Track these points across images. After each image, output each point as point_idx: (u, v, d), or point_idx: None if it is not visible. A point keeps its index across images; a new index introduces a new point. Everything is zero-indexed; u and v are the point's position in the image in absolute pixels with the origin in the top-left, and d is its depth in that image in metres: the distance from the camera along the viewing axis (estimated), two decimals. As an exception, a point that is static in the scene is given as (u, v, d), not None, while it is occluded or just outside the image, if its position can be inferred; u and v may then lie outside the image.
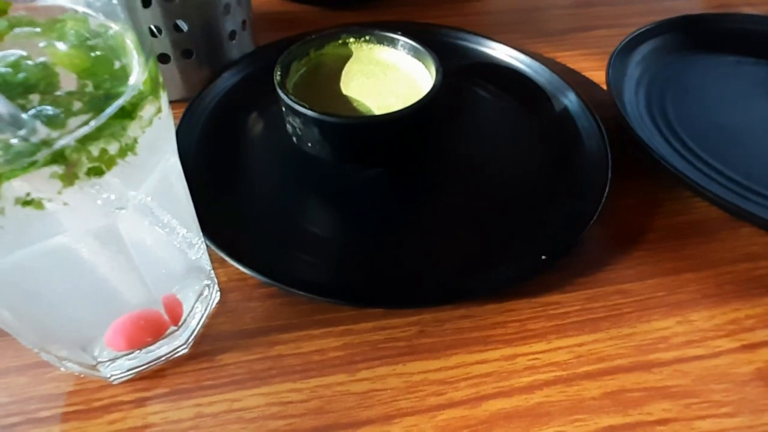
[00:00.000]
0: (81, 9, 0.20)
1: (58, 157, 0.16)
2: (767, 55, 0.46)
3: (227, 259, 0.28)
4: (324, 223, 0.33)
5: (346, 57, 0.38)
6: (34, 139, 0.16)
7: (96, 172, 0.17)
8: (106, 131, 0.17)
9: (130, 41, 0.19)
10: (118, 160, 0.18)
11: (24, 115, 0.16)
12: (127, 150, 0.18)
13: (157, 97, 0.19)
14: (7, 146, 0.15)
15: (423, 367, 0.26)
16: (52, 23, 0.19)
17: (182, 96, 0.41)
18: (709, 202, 0.34)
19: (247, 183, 0.35)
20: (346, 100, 0.34)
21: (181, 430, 0.24)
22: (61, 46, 0.19)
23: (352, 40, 0.37)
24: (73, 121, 0.17)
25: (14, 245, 0.17)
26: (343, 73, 0.37)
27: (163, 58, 0.38)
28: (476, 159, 0.37)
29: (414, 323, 0.28)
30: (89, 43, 0.19)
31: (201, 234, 0.26)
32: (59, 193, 0.16)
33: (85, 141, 0.16)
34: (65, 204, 0.17)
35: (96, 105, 0.17)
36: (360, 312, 0.28)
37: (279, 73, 0.33)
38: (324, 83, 0.36)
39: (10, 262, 0.17)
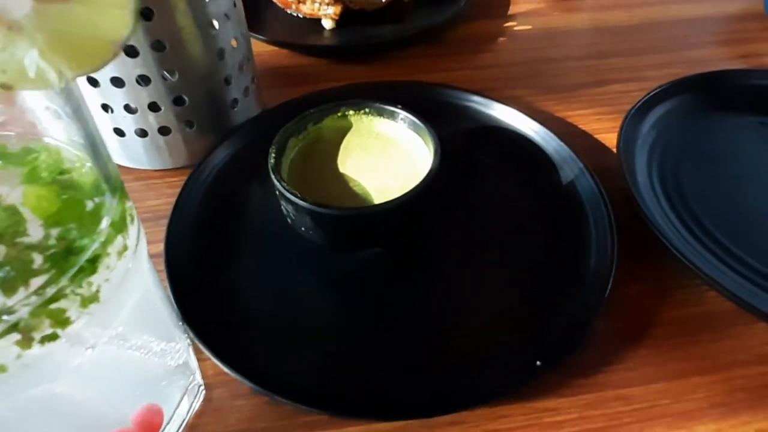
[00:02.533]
0: (54, 140, 0.19)
1: (12, 329, 0.16)
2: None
3: (213, 359, 0.28)
4: (312, 320, 0.32)
5: (346, 129, 0.37)
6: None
7: (51, 338, 0.16)
8: (64, 292, 0.17)
9: (102, 176, 0.19)
10: (79, 316, 0.17)
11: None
12: (89, 302, 0.18)
13: (125, 234, 0.19)
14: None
15: (407, 482, 0.26)
16: (26, 153, 0.19)
17: (185, 163, 0.41)
18: (722, 295, 0.32)
19: (238, 269, 0.34)
20: (343, 180, 0.34)
21: None
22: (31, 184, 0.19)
23: (351, 112, 0.37)
24: (33, 281, 0.16)
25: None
26: (342, 146, 0.36)
27: (164, 131, 0.38)
28: (471, 245, 0.36)
29: (401, 429, 0.27)
30: (60, 178, 0.19)
31: (181, 336, 0.26)
32: (18, 357, 0.16)
33: (42, 306, 0.16)
34: (24, 365, 0.17)
35: (56, 262, 0.17)
36: (346, 418, 0.27)
37: (273, 154, 0.33)
38: (322, 159, 0.35)
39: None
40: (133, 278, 0.20)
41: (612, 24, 0.58)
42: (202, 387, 0.28)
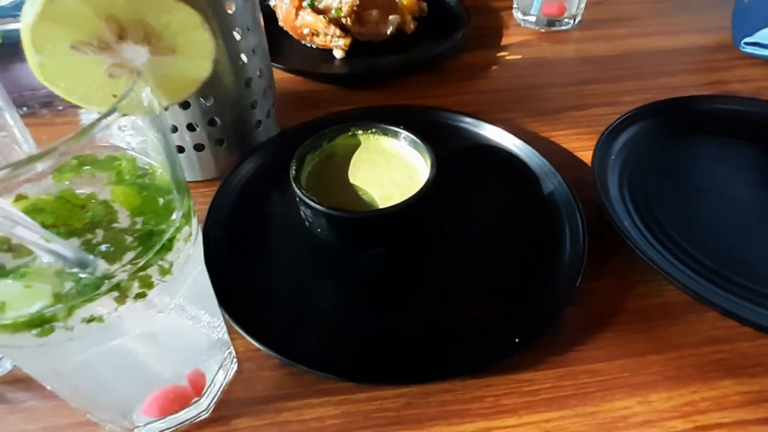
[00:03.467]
0: (130, 152, 0.25)
1: (115, 287, 0.21)
2: (752, 137, 0.49)
3: (244, 335, 0.33)
4: (327, 304, 0.37)
5: (355, 146, 0.43)
6: (98, 274, 0.21)
7: (141, 296, 0.22)
8: (150, 263, 0.22)
9: (170, 179, 0.25)
10: (158, 282, 0.23)
11: (90, 257, 0.21)
12: (165, 273, 0.23)
13: (190, 225, 0.25)
14: (78, 280, 0.21)
15: (407, 437, 0.31)
16: (110, 161, 0.25)
17: (214, 176, 0.47)
18: (679, 289, 0.37)
19: (263, 262, 0.40)
20: (352, 190, 0.40)
21: (200, 486, 0.29)
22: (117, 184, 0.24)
23: (360, 132, 0.43)
24: (126, 256, 0.22)
25: (79, 350, 0.22)
26: (352, 161, 0.42)
27: (198, 147, 0.44)
28: (462, 243, 0.41)
29: (402, 395, 0.32)
30: (139, 181, 0.25)
31: (221, 315, 0.31)
32: (115, 310, 0.22)
33: (134, 273, 0.22)
34: (118, 317, 0.22)
35: (143, 241, 0.23)
36: (356, 385, 0.33)
37: (294, 167, 0.39)
38: (335, 172, 0.41)
39: (74, 361, 0.23)
40: (192, 261, 0.26)
41: (595, 54, 0.65)
42: (235, 360, 0.34)
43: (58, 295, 0.21)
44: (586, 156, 0.49)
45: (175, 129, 0.43)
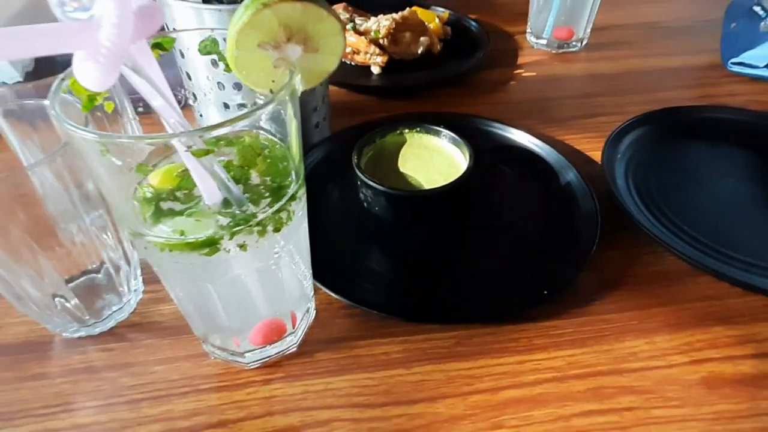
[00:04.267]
0: (257, 130, 0.33)
1: (258, 224, 0.29)
2: (737, 141, 0.57)
3: (322, 288, 0.40)
4: (387, 263, 0.45)
5: (402, 143, 0.51)
6: (248, 212, 0.29)
7: (277, 230, 0.30)
8: (283, 208, 0.30)
9: (286, 149, 0.33)
10: (285, 224, 0.31)
11: (245, 198, 0.29)
12: (289, 218, 0.31)
13: (302, 187, 0.33)
14: (234, 216, 0.29)
15: (458, 366, 0.38)
16: (237, 138, 0.33)
17: (278, 169, 0.55)
18: (677, 257, 0.45)
19: (332, 235, 0.47)
20: (402, 176, 0.48)
21: (294, 400, 0.36)
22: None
23: (407, 131, 0.51)
24: (263, 202, 0.30)
25: (228, 270, 0.30)
26: (400, 155, 0.50)
27: (269, 143, 0.52)
28: (497, 219, 0.49)
29: (452, 337, 0.40)
30: (263, 153, 0.33)
31: (311, 269, 0.39)
32: (256, 241, 0.29)
33: (270, 215, 0.29)
34: (257, 247, 0.30)
35: (273, 193, 0.30)
36: (414, 327, 0.40)
37: (355, 156, 0.47)
38: (386, 163, 0.49)
39: (221, 280, 0.30)
40: (301, 216, 0.33)
41: (600, 72, 0.73)
42: (314, 309, 0.41)
43: (221, 226, 0.28)
44: (595, 155, 0.57)
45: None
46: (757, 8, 0.73)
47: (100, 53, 0.20)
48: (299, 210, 0.32)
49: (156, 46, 0.29)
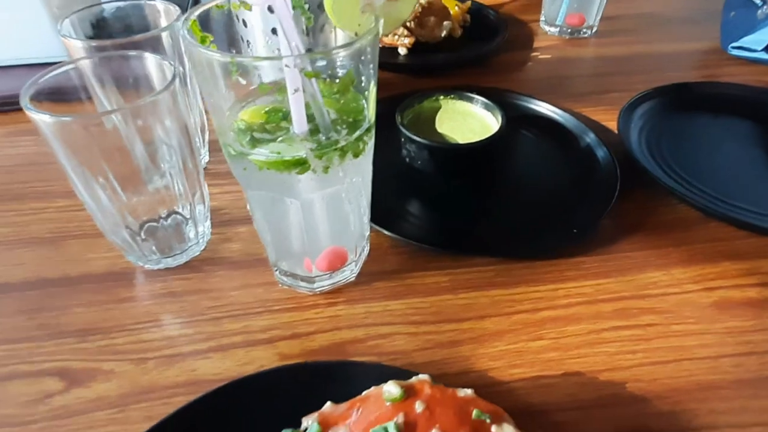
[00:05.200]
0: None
1: (339, 149, 0.34)
2: (738, 113, 0.63)
3: (375, 227, 0.45)
4: (430, 208, 0.50)
5: (438, 108, 0.56)
6: (332, 139, 0.34)
7: (356, 155, 0.35)
8: (359, 138, 0.35)
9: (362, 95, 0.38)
10: (360, 154, 0.35)
11: (330, 126, 0.34)
12: (362, 150, 0.36)
13: (372, 124, 0.37)
14: (319, 142, 0.33)
15: (499, 292, 0.43)
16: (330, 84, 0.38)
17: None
18: (689, 205, 0.50)
19: (381, 185, 0.52)
20: (440, 136, 0.53)
21: (357, 319, 0.41)
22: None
23: (442, 97, 0.56)
24: (343, 132, 0.35)
25: (313, 189, 0.35)
26: (437, 118, 0.55)
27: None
28: (528, 173, 0.55)
29: (492, 270, 0.44)
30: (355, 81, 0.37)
31: (369, 208, 0.44)
32: (338, 164, 0.34)
33: (349, 143, 0.34)
34: (337, 170, 0.35)
35: (353, 126, 0.35)
36: (458, 261, 0.45)
37: (399, 117, 0.52)
38: (424, 124, 0.54)
39: (305, 197, 0.35)
40: (370, 152, 0.38)
41: (610, 55, 0.79)
42: (368, 248, 0.46)
43: (311, 149, 0.33)
44: (611, 125, 0.62)
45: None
46: (754, -2, 0.79)
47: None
48: (370, 144, 0.37)
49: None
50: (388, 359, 0.38)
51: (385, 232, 0.45)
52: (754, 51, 0.75)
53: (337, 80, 0.34)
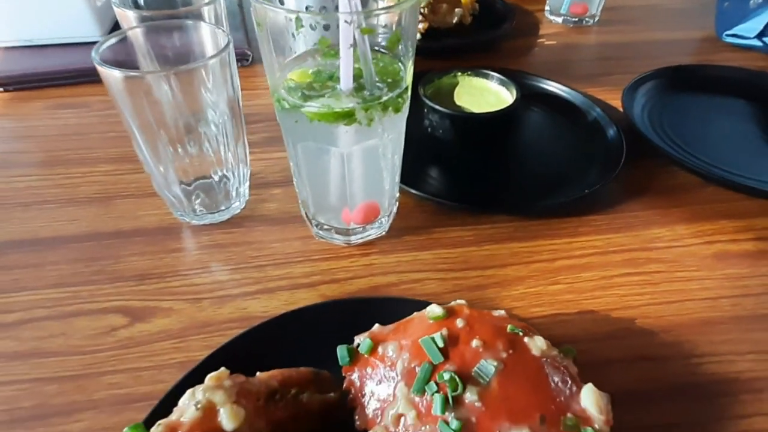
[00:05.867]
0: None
1: (381, 104, 0.38)
2: (731, 92, 0.67)
3: (403, 186, 0.49)
4: (454, 171, 0.54)
5: (456, 84, 0.60)
6: (375, 95, 0.37)
7: (396, 110, 0.39)
8: (399, 96, 0.39)
9: (400, 65, 0.42)
10: (399, 110, 0.39)
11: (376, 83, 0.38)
12: (399, 108, 0.40)
13: (409, 85, 0.41)
14: (363, 97, 0.37)
15: (519, 245, 0.47)
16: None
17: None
18: (689, 171, 0.54)
19: (409, 147, 0.56)
20: (459, 108, 0.57)
21: (390, 266, 0.45)
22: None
23: (460, 73, 0.60)
24: (384, 89, 0.38)
25: (358, 140, 0.39)
26: (455, 93, 0.59)
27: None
28: (542, 141, 0.59)
29: (511, 226, 0.48)
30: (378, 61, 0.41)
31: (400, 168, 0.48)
32: (380, 119, 0.38)
33: (390, 99, 0.38)
34: (378, 123, 0.38)
35: (392, 85, 0.39)
36: (479, 218, 0.49)
37: (422, 89, 0.56)
38: (444, 98, 0.58)
39: (349, 149, 0.39)
40: (404, 112, 0.42)
41: (612, 42, 0.83)
42: (397, 204, 0.50)
43: (358, 102, 0.37)
44: (615, 103, 0.66)
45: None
46: (747, -11, 0.84)
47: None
48: (406, 105, 0.41)
49: None
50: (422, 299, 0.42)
51: (413, 191, 0.49)
52: (747, 38, 0.79)
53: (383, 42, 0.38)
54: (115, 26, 0.77)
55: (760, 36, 0.78)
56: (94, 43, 0.41)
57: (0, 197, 0.51)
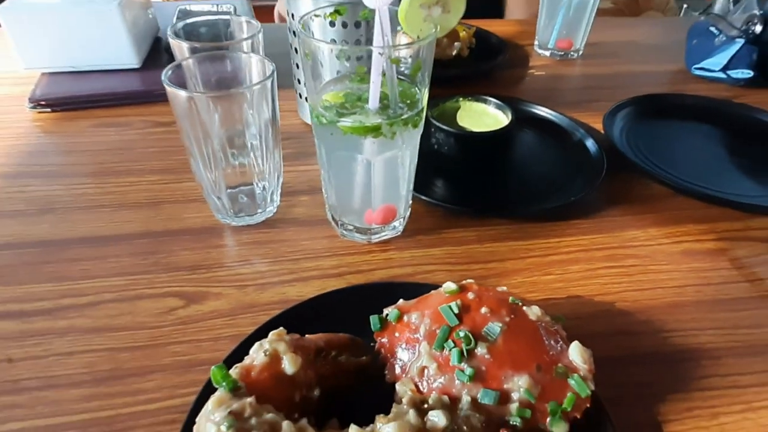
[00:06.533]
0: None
1: (402, 121, 0.46)
2: (698, 118, 0.77)
3: (415, 194, 0.57)
4: (458, 181, 0.62)
5: (458, 108, 0.69)
6: (398, 113, 0.45)
7: (414, 126, 0.47)
8: (417, 114, 0.47)
9: (416, 89, 0.50)
10: (416, 127, 0.47)
11: (399, 106, 0.46)
12: (416, 124, 0.48)
13: (425, 106, 0.49)
14: (388, 115, 0.45)
15: (516, 243, 0.54)
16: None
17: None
18: (661, 184, 0.62)
19: (419, 162, 0.64)
20: (461, 128, 0.65)
21: (405, 260, 0.52)
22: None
23: (461, 99, 0.69)
24: (404, 109, 0.47)
25: (382, 150, 0.46)
26: (457, 115, 0.68)
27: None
28: (534, 157, 0.68)
29: (508, 228, 0.56)
30: (399, 86, 0.50)
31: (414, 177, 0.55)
32: (401, 134, 0.46)
33: (410, 117, 0.46)
34: (399, 136, 0.46)
35: (411, 106, 0.47)
36: (481, 221, 0.56)
37: (429, 112, 0.64)
38: (448, 119, 0.67)
39: (373, 158, 0.47)
40: (420, 129, 0.50)
41: (594, 73, 0.93)
42: (410, 209, 0.57)
43: (383, 119, 0.45)
44: (597, 126, 0.75)
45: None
46: (712, 28, 0.94)
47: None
48: (421, 123, 0.49)
49: (336, 12, 0.46)
50: (434, 286, 0.49)
51: (423, 197, 0.57)
52: (713, 71, 0.89)
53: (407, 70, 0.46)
54: (149, 55, 0.85)
55: (724, 70, 0.88)
56: (130, 69, 0.49)
57: (62, 201, 0.58)
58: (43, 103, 0.73)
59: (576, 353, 0.36)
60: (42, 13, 0.75)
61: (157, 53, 0.87)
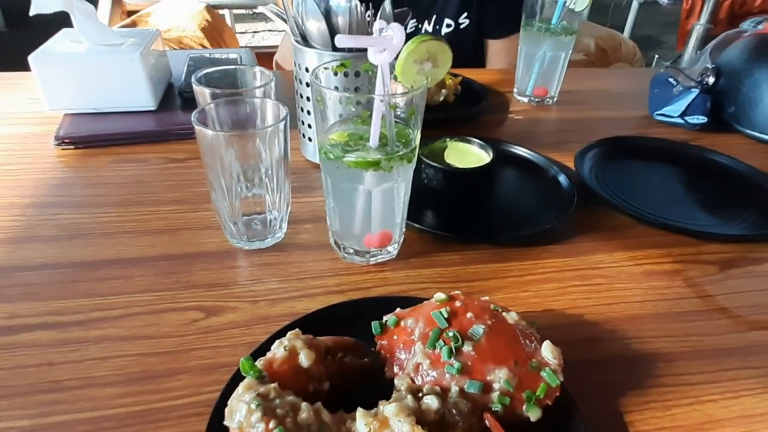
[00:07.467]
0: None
1: (398, 157, 0.53)
2: (659, 157, 0.86)
3: (408, 222, 0.64)
4: (446, 212, 0.70)
5: (445, 147, 0.77)
6: (394, 150, 0.53)
7: (408, 161, 0.54)
8: (411, 151, 0.54)
9: (410, 130, 0.58)
10: (409, 162, 0.55)
11: (395, 143, 0.54)
12: (410, 159, 0.55)
13: (417, 145, 0.57)
14: (386, 152, 0.53)
15: (497, 265, 0.61)
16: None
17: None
18: (625, 215, 0.70)
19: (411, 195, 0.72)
20: (449, 164, 0.73)
21: (400, 279, 0.59)
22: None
23: (448, 139, 0.77)
24: (400, 147, 0.54)
25: (380, 182, 0.54)
26: (444, 154, 0.76)
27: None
28: (513, 191, 0.76)
29: (490, 252, 0.63)
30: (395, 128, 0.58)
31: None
32: (396, 168, 0.54)
33: (404, 153, 0.54)
34: (395, 171, 0.54)
35: (405, 144, 0.55)
36: (466, 247, 0.64)
37: (419, 151, 0.72)
38: (436, 157, 0.75)
39: (373, 189, 0.54)
40: (413, 164, 0.58)
41: (568, 117, 1.03)
42: (404, 235, 0.64)
43: (382, 155, 0.53)
44: (569, 164, 0.83)
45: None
46: (670, 79, 1.05)
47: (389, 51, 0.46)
48: (414, 158, 0.57)
49: (342, 65, 0.55)
50: (425, 301, 0.55)
51: (416, 225, 0.64)
52: (672, 117, 1.00)
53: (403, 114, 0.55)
54: (163, 98, 0.93)
55: (682, 116, 0.98)
56: (147, 111, 0.56)
57: (89, 228, 0.64)
58: (67, 140, 0.80)
59: (548, 350, 0.43)
60: (71, 61, 0.83)
61: (170, 96, 0.95)
